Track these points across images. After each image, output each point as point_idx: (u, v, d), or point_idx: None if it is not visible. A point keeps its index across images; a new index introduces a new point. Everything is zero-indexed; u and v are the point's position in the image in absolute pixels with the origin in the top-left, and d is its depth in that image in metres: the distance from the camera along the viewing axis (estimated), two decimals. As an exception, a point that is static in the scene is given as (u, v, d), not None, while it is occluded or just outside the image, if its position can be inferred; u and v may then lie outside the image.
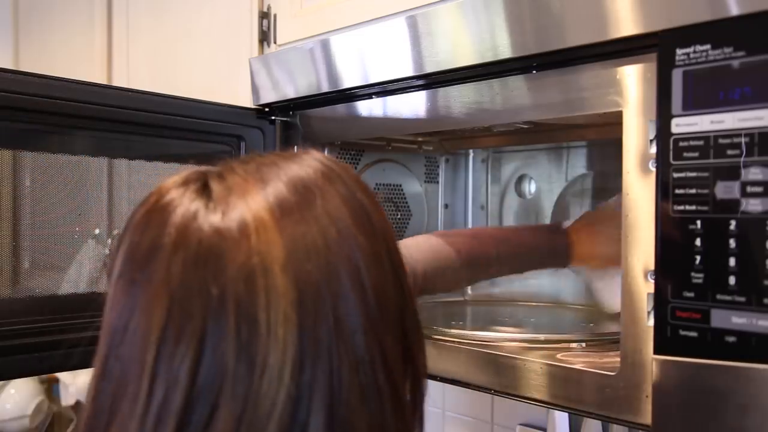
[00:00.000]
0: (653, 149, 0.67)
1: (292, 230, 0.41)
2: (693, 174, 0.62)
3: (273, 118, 1.14)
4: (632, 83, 0.69)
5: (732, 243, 0.60)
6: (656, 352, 0.65)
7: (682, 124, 0.63)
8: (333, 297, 0.41)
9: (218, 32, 1.42)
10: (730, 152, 0.60)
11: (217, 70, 1.42)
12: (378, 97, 0.99)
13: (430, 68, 0.87)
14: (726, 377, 0.60)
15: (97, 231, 0.99)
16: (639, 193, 0.68)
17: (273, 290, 0.40)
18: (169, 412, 0.39)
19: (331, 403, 0.40)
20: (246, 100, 1.15)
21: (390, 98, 0.97)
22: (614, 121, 0.71)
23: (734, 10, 0.60)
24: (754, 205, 0.59)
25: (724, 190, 0.60)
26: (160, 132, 1.02)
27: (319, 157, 0.48)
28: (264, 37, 1.30)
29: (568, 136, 1.16)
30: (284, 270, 0.40)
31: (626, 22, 0.67)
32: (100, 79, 1.69)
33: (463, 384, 0.87)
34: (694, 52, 0.62)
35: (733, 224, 0.60)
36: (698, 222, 0.62)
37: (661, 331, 0.64)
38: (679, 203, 0.63)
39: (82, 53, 1.77)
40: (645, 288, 0.68)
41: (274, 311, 0.40)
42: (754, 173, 0.59)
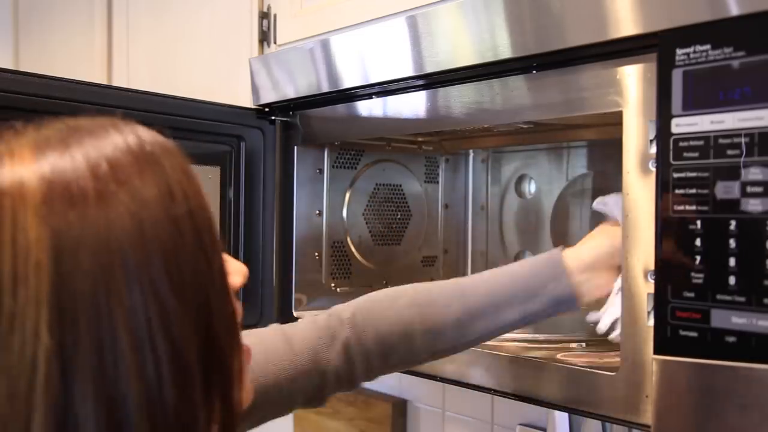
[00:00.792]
0: (653, 149, 0.67)
1: (52, 166, 0.37)
2: (693, 174, 0.62)
3: (273, 118, 1.14)
4: (632, 83, 0.69)
5: (732, 243, 0.60)
6: (656, 352, 0.65)
7: (682, 124, 0.63)
8: (101, 248, 0.36)
9: (218, 32, 1.42)
10: (730, 152, 0.60)
11: (217, 70, 1.42)
12: (378, 97, 0.99)
13: (430, 68, 0.87)
14: (726, 377, 0.60)
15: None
16: (639, 193, 0.68)
17: (22, 234, 0.35)
18: None
19: (100, 367, 0.36)
20: (246, 100, 1.15)
21: (390, 98, 0.97)
22: (614, 121, 0.71)
23: (734, 10, 0.60)
24: (754, 205, 0.59)
25: (724, 190, 0.60)
26: (160, 132, 1.02)
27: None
28: (264, 37, 1.30)
29: (568, 136, 1.16)
30: (37, 214, 0.36)
31: (626, 22, 0.67)
32: (100, 79, 1.69)
33: (463, 384, 0.87)
34: (694, 52, 0.62)
35: (733, 224, 0.60)
36: (698, 222, 0.62)
37: (661, 331, 0.64)
38: (679, 203, 0.63)
39: (82, 53, 1.77)
40: (645, 288, 0.68)
41: (22, 258, 0.35)
42: (754, 173, 0.59)
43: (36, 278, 0.35)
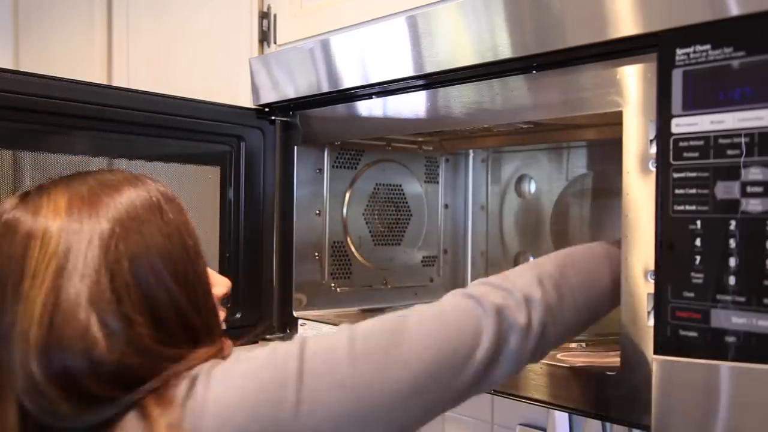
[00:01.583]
0: (653, 149, 0.66)
1: (78, 214, 0.56)
2: (693, 174, 0.62)
3: (273, 118, 1.14)
4: (632, 83, 0.69)
5: (732, 243, 0.60)
6: (656, 352, 0.65)
7: (682, 124, 0.63)
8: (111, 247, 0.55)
9: (218, 32, 1.42)
10: (730, 152, 0.60)
11: (217, 70, 1.42)
12: (378, 97, 0.99)
13: (430, 68, 0.87)
14: (726, 377, 0.60)
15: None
16: (639, 193, 0.68)
17: (43, 246, 0.54)
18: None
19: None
20: (246, 100, 1.15)
21: (390, 98, 0.97)
22: (614, 121, 0.71)
23: (734, 10, 0.60)
24: (754, 205, 0.59)
25: (724, 190, 0.60)
26: (160, 132, 1.02)
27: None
28: (264, 37, 1.30)
29: (568, 136, 1.16)
30: (59, 238, 0.54)
31: (626, 22, 0.67)
32: (100, 79, 1.69)
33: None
34: (694, 52, 0.62)
35: (733, 224, 0.60)
36: (698, 222, 0.62)
37: (661, 331, 0.64)
38: (679, 203, 0.63)
39: (82, 53, 1.77)
40: (645, 288, 0.68)
41: (43, 254, 0.54)
42: (754, 173, 0.59)
43: (46, 266, 0.55)
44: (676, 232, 0.63)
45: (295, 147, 1.13)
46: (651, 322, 0.67)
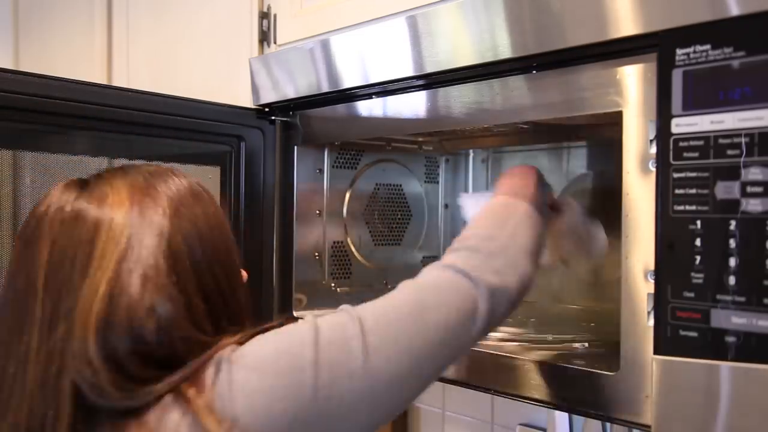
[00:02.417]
0: (653, 149, 0.67)
1: (140, 204, 0.60)
2: (693, 174, 0.62)
3: (273, 118, 1.14)
4: (632, 83, 0.69)
5: (732, 243, 0.60)
6: (656, 352, 0.65)
7: (682, 124, 0.63)
8: (156, 238, 0.59)
9: (218, 32, 1.42)
10: (730, 152, 0.60)
11: (217, 71, 1.42)
12: (378, 97, 0.99)
13: (430, 68, 0.87)
14: (726, 377, 0.60)
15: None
16: (639, 193, 0.68)
17: (110, 233, 0.58)
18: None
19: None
20: (246, 101, 1.15)
21: (390, 98, 0.97)
22: (614, 121, 0.71)
23: (734, 10, 0.60)
24: (754, 205, 0.59)
25: (724, 190, 0.60)
26: (160, 132, 1.02)
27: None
28: (264, 37, 1.30)
29: (568, 136, 1.16)
30: (124, 226, 0.58)
31: (626, 22, 0.67)
32: (100, 79, 1.69)
33: (463, 384, 0.87)
34: (694, 52, 0.62)
35: (733, 224, 0.60)
36: (698, 222, 0.62)
37: (661, 331, 0.64)
38: (679, 203, 0.63)
39: (82, 53, 1.77)
40: (645, 288, 0.68)
41: (110, 240, 0.58)
42: (754, 173, 0.59)
43: (112, 252, 0.58)
44: (676, 232, 0.63)
45: (295, 147, 1.13)
46: (651, 322, 0.67)
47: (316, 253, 1.17)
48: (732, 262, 0.60)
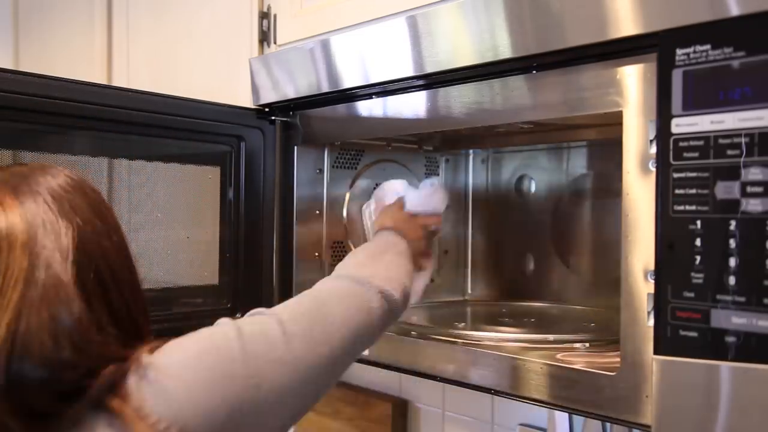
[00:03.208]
0: (653, 149, 0.67)
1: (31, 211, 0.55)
2: (693, 174, 0.62)
3: (273, 118, 1.14)
4: (632, 83, 0.69)
5: (732, 243, 0.60)
6: (656, 352, 0.65)
7: (682, 124, 0.63)
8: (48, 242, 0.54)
9: (218, 32, 1.42)
10: (730, 152, 0.60)
11: (217, 71, 1.42)
12: (378, 97, 0.99)
13: (430, 68, 0.87)
14: (726, 377, 0.60)
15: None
16: (639, 193, 0.68)
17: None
18: None
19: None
20: (246, 101, 1.15)
21: (390, 98, 0.97)
22: (614, 121, 0.71)
23: (734, 10, 0.60)
24: (754, 205, 0.59)
25: (724, 190, 0.60)
26: (160, 132, 1.02)
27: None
28: (264, 37, 1.30)
29: (568, 136, 1.16)
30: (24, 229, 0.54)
31: (626, 22, 0.67)
32: (100, 79, 1.69)
33: (463, 384, 0.87)
34: (694, 52, 0.62)
35: (733, 224, 0.60)
36: (698, 222, 0.62)
37: (661, 331, 0.64)
38: (679, 203, 0.63)
39: (82, 53, 1.77)
40: (645, 288, 0.68)
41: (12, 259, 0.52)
42: (754, 173, 0.59)
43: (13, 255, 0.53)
44: (676, 232, 0.63)
45: (295, 147, 1.13)
46: (651, 322, 0.67)
47: (316, 253, 1.17)
48: (732, 262, 0.60)
